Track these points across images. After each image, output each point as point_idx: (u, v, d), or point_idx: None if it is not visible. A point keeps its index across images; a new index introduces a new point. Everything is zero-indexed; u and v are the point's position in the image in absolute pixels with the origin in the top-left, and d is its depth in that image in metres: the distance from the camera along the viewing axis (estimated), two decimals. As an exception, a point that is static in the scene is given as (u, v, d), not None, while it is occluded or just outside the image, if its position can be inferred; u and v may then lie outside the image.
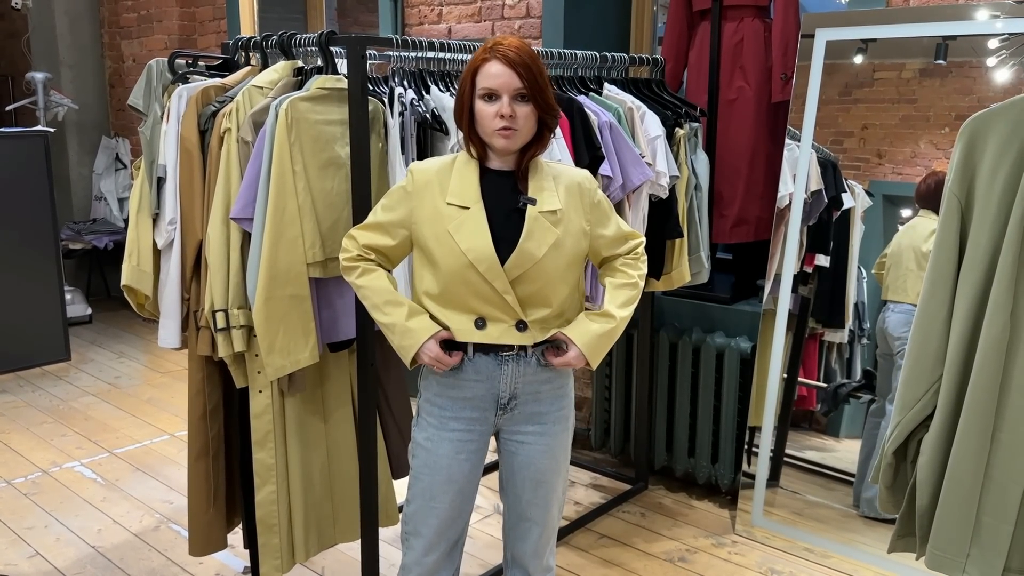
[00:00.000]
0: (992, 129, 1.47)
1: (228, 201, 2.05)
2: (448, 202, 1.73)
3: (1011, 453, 1.48)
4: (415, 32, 3.98)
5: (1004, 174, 1.46)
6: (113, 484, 3.35)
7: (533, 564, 1.93)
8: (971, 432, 1.50)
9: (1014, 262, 1.44)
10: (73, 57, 5.85)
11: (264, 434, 2.16)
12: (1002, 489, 1.50)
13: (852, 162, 2.87)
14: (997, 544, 1.50)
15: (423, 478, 1.84)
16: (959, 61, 2.59)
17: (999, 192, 1.46)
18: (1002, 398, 1.48)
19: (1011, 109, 1.46)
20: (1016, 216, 1.44)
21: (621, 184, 2.46)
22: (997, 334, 1.45)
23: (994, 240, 1.46)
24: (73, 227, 5.72)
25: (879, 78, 2.78)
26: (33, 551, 2.84)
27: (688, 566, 2.76)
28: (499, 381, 1.78)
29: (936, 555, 1.57)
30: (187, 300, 2.21)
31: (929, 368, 1.56)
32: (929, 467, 1.55)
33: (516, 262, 1.70)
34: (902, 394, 1.61)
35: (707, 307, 3.26)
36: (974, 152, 1.50)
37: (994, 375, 1.47)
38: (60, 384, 4.49)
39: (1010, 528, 1.50)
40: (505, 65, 1.67)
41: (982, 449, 1.49)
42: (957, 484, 1.51)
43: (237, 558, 2.76)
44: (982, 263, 1.48)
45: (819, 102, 2.84)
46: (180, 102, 2.18)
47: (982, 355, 1.47)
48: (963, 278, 1.50)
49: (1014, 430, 1.47)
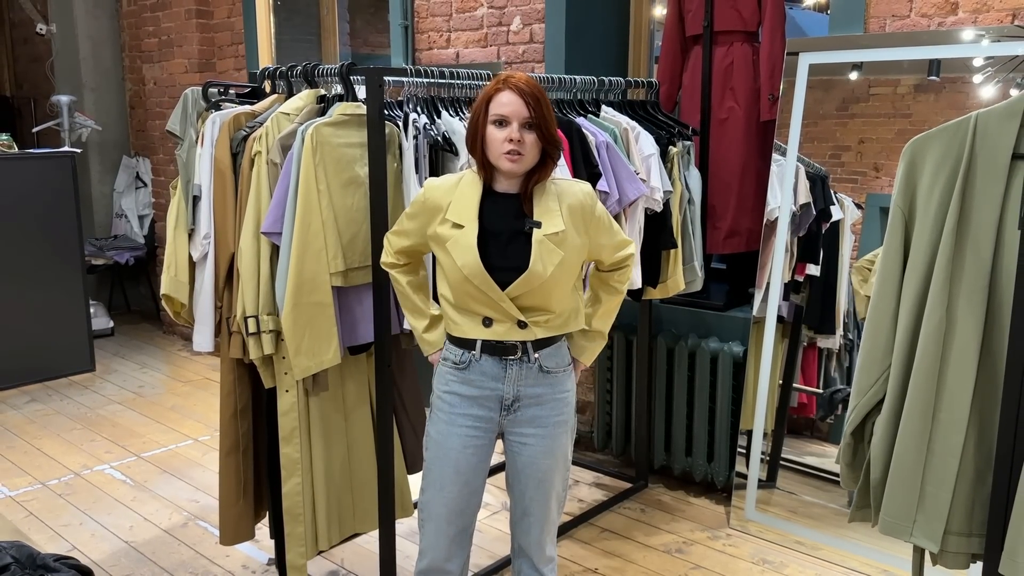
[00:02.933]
0: (929, 150, 1.68)
1: (258, 217, 2.25)
2: (448, 219, 1.91)
3: (948, 430, 1.68)
4: (424, 56, 4.19)
5: (939, 189, 1.67)
6: (142, 485, 3.54)
7: (536, 554, 2.11)
8: (914, 413, 1.70)
9: (947, 265, 1.66)
10: (95, 80, 6.08)
11: (290, 430, 2.35)
12: (942, 462, 1.70)
13: (849, 175, 2.98)
14: (938, 510, 1.71)
15: (434, 468, 2.03)
16: (952, 77, 2.72)
17: (935, 205, 1.68)
18: (940, 382, 1.68)
19: (944, 133, 1.67)
20: (949, 225, 1.65)
21: (617, 199, 2.65)
22: (935, 327, 1.66)
23: (932, 246, 1.68)
24: (95, 243, 5.93)
25: (875, 93, 2.91)
26: (71, 546, 3.04)
27: (684, 557, 2.93)
28: (503, 383, 1.97)
29: (887, 521, 1.78)
30: (220, 308, 2.41)
31: (879, 358, 1.77)
32: (880, 445, 1.76)
33: (524, 282, 1.86)
34: (857, 381, 1.82)
35: (702, 314, 3.44)
36: (915, 170, 1.71)
37: (933, 363, 1.68)
38: (86, 393, 4.70)
39: (948, 496, 1.70)
40: (516, 95, 1.86)
41: (924, 427, 1.70)
42: (903, 459, 1.72)
43: (262, 551, 2.95)
44: (922, 266, 1.69)
45: (817, 117, 2.98)
46: (214, 127, 2.39)
47: (922, 345, 1.68)
48: (907, 280, 1.71)
49: (950, 410, 1.68)
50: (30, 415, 4.36)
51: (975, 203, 1.65)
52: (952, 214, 1.65)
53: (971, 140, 1.65)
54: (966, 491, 1.72)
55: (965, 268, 1.66)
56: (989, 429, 1.69)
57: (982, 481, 1.71)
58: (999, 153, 1.63)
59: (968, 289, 1.66)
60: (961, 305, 1.67)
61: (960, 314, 1.67)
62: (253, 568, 2.88)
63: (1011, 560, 1.60)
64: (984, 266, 1.65)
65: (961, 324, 1.67)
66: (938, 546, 1.73)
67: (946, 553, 1.74)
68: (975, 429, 1.70)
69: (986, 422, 1.70)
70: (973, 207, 1.65)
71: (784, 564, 2.88)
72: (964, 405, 1.68)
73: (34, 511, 3.30)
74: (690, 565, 2.88)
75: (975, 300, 1.66)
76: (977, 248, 1.66)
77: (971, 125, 1.66)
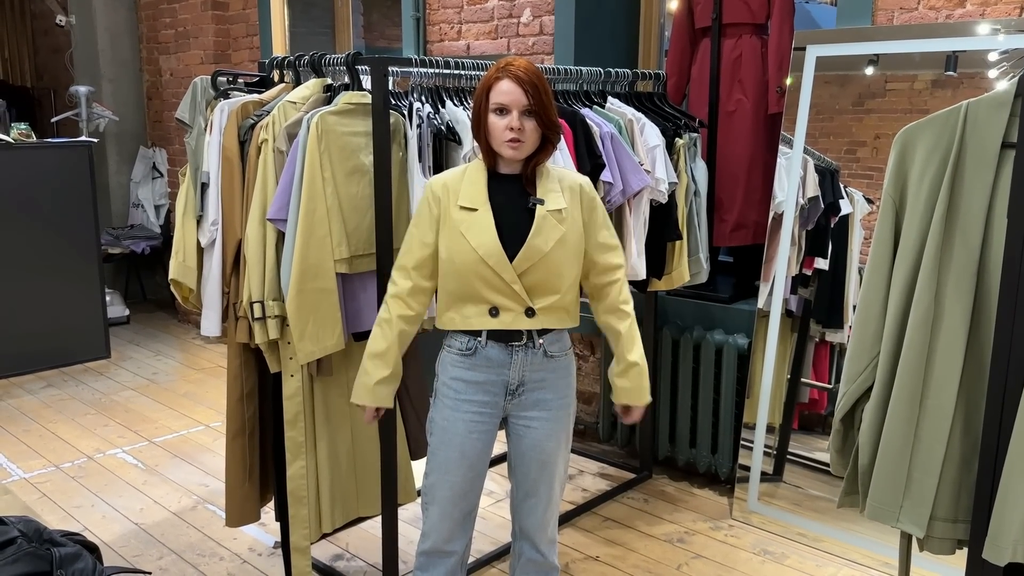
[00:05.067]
0: (920, 139, 1.70)
1: (265, 204, 2.29)
2: (460, 205, 1.95)
3: (935, 417, 1.70)
4: (436, 48, 4.22)
5: (929, 178, 1.68)
6: (153, 469, 3.60)
7: (539, 535, 2.14)
8: (902, 399, 1.72)
9: (935, 253, 1.67)
10: (113, 71, 6.15)
11: (295, 414, 2.39)
12: (928, 448, 1.71)
13: (865, 171, 2.98)
14: (924, 496, 1.72)
15: (439, 453, 2.06)
16: (969, 72, 2.71)
17: (926, 193, 1.69)
18: (928, 369, 1.70)
19: (935, 122, 1.68)
20: (939, 214, 1.66)
21: (621, 190, 2.67)
22: (923, 314, 1.67)
23: (921, 234, 1.69)
24: (112, 233, 6.01)
25: (891, 89, 2.90)
26: (82, 527, 3.10)
27: (686, 547, 2.95)
28: (509, 369, 2.00)
29: (875, 507, 1.79)
30: (227, 293, 2.45)
31: (869, 345, 1.78)
32: (869, 431, 1.77)
33: (525, 255, 1.91)
34: (847, 368, 1.83)
35: (708, 306, 3.45)
36: (905, 159, 1.72)
37: (921, 350, 1.69)
38: (101, 379, 4.77)
39: (935, 482, 1.72)
40: (515, 84, 1.90)
41: (911, 414, 1.71)
42: (891, 445, 1.73)
43: (268, 534, 3.00)
44: (911, 254, 1.70)
45: (832, 112, 2.98)
46: (222, 116, 2.43)
47: (911, 333, 1.69)
48: (896, 267, 1.72)
49: (937, 396, 1.69)
50: (46, 400, 4.43)
51: (964, 192, 1.66)
52: (941, 202, 1.66)
53: (961, 129, 1.66)
54: (952, 477, 1.73)
55: (954, 256, 1.68)
56: (975, 416, 1.70)
57: (968, 468, 1.72)
58: (989, 142, 1.64)
59: (956, 277, 1.67)
60: (949, 293, 1.68)
61: (948, 302, 1.68)
62: (259, 551, 2.92)
63: (994, 545, 1.61)
64: (972, 254, 1.66)
65: (949, 312, 1.68)
66: (924, 532, 1.75)
67: (932, 539, 1.76)
68: (961, 416, 1.71)
69: (972, 409, 1.71)
70: (962, 196, 1.66)
71: (785, 555, 2.89)
72: (951, 392, 1.69)
73: (47, 492, 3.37)
74: (691, 555, 2.90)
75: (963, 288, 1.67)
76: (966, 236, 1.67)
77: (961, 114, 1.67)
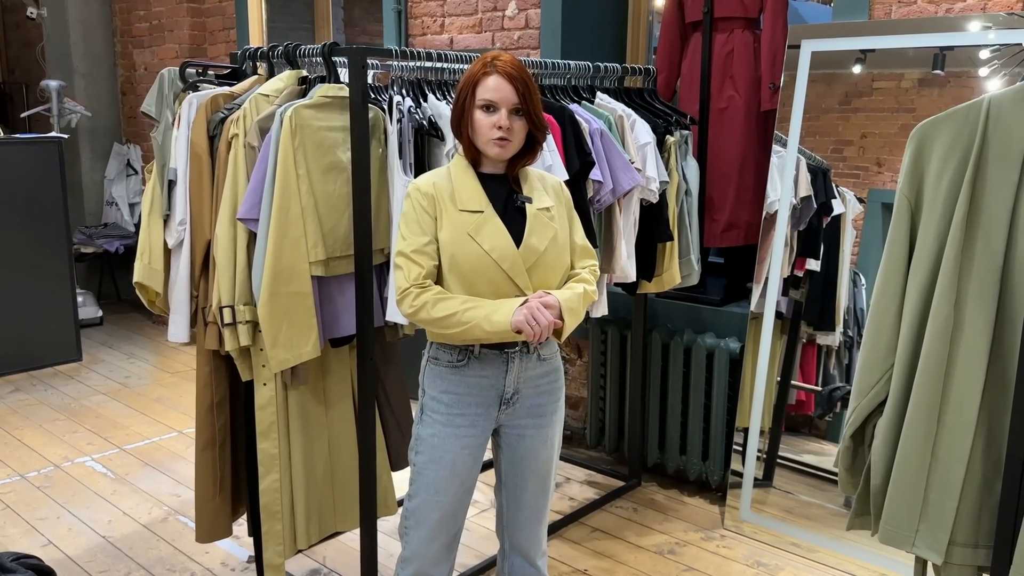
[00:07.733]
0: (938, 135, 1.58)
1: (235, 203, 2.16)
2: (460, 208, 1.83)
3: (955, 435, 1.58)
4: (419, 42, 4.09)
5: (949, 177, 1.57)
6: (123, 478, 3.46)
7: (533, 549, 2.04)
8: (919, 416, 1.60)
9: (956, 258, 1.55)
10: (86, 65, 5.98)
11: (268, 425, 2.26)
12: (947, 468, 1.60)
13: (852, 170, 2.91)
14: (943, 519, 1.61)
15: (428, 473, 1.92)
16: (957, 71, 2.65)
17: (944, 193, 1.57)
18: (947, 384, 1.58)
19: (954, 117, 1.57)
20: (959, 215, 1.55)
21: (611, 188, 2.56)
22: (942, 324, 1.56)
23: (939, 238, 1.58)
24: (85, 231, 5.84)
25: (878, 88, 2.83)
26: (46, 540, 2.95)
27: (677, 558, 2.85)
28: (504, 377, 1.89)
29: (888, 530, 1.68)
30: (196, 297, 2.32)
31: (882, 357, 1.67)
32: (882, 449, 1.66)
33: (524, 256, 1.82)
34: (858, 381, 1.72)
35: (699, 309, 3.36)
36: (922, 157, 1.61)
37: (939, 362, 1.58)
38: (72, 383, 4.61)
39: (954, 504, 1.61)
40: (505, 80, 1.80)
41: (929, 431, 1.60)
42: (906, 464, 1.62)
43: (242, 548, 2.87)
44: (929, 259, 1.59)
45: (819, 111, 2.91)
46: (191, 109, 2.30)
47: (928, 344, 1.58)
48: (912, 273, 1.61)
49: (957, 413, 1.58)
50: (13, 405, 4.27)
51: (987, 192, 1.54)
52: (962, 204, 1.54)
53: (983, 125, 1.55)
54: (972, 500, 1.61)
55: (975, 261, 1.56)
56: (998, 434, 1.58)
57: (990, 489, 1.61)
58: (1013, 139, 1.53)
59: (978, 284, 1.56)
60: (970, 301, 1.56)
61: (969, 311, 1.56)
62: (232, 565, 2.79)
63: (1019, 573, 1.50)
64: (995, 259, 1.55)
65: (970, 321, 1.57)
66: (942, 558, 1.64)
67: (950, 565, 1.64)
68: (983, 434, 1.60)
69: (995, 426, 1.59)
70: (985, 196, 1.55)
71: (779, 567, 2.80)
72: (972, 408, 1.58)
73: (10, 503, 3.22)
74: (682, 567, 2.79)
75: (985, 296, 1.56)
76: (988, 240, 1.55)
77: (983, 109, 1.56)
